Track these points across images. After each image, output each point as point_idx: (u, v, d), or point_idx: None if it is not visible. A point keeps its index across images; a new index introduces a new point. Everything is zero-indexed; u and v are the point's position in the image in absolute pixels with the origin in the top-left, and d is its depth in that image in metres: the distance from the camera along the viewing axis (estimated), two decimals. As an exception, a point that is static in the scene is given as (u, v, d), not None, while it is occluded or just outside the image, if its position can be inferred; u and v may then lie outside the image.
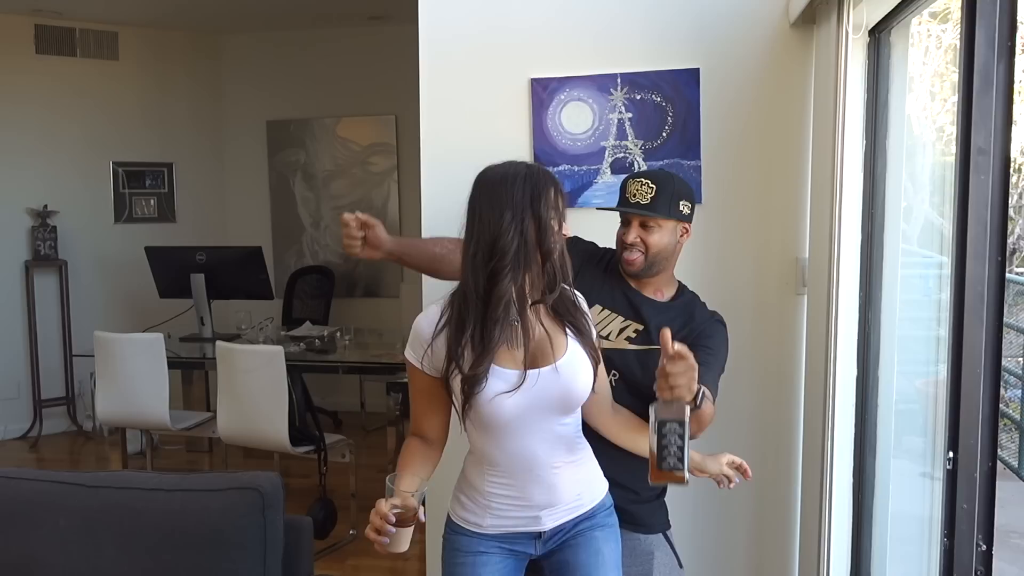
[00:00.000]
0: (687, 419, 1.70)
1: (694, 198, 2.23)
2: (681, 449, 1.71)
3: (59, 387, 6.20)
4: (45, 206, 6.02)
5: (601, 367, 1.97)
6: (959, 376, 1.42)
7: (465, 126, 2.79)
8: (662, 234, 2.14)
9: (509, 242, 1.75)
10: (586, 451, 1.96)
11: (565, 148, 2.75)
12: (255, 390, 3.97)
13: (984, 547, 1.40)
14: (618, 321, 2.17)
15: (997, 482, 1.41)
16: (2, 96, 5.94)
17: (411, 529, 1.79)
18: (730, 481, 2.14)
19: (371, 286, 6.67)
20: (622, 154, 2.71)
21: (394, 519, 1.73)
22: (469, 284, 1.79)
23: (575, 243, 2.33)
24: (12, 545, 2.05)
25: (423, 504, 1.79)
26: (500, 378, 1.79)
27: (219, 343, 4.15)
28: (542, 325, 1.85)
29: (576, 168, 2.75)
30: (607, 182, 2.72)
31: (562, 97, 2.74)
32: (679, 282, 2.25)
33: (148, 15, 6.16)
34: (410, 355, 1.88)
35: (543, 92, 2.75)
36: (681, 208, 2.15)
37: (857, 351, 2.32)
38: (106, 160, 6.34)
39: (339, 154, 6.64)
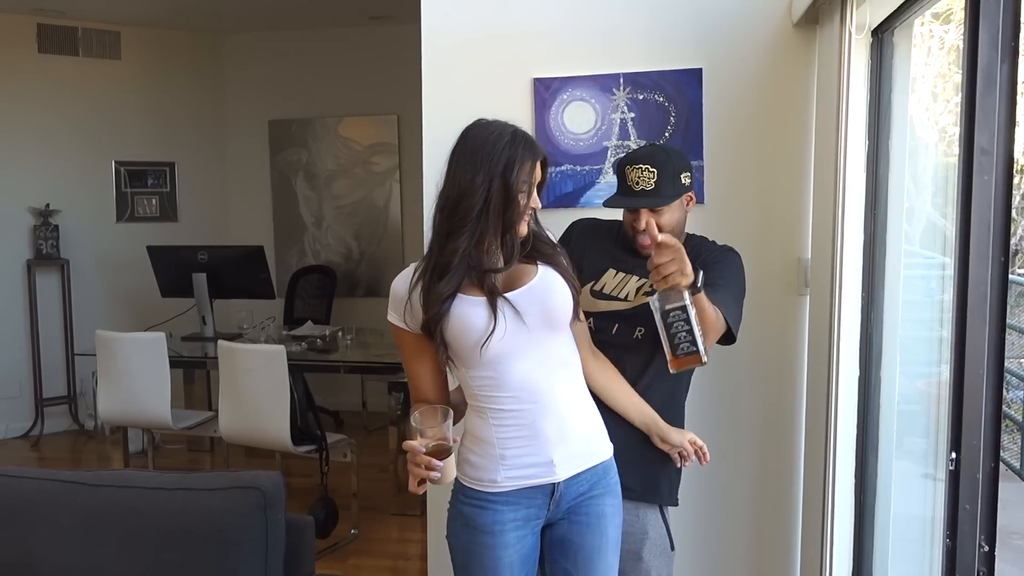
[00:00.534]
0: (688, 302, 1.77)
1: (690, 165, 2.24)
2: (690, 332, 1.79)
3: (61, 386, 6.21)
4: (47, 205, 6.03)
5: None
6: (962, 377, 1.42)
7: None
8: (671, 212, 2.16)
9: (473, 204, 1.78)
10: (590, 400, 1.97)
11: (568, 148, 2.75)
12: (257, 389, 3.97)
13: (986, 548, 1.40)
14: (633, 280, 2.19)
15: (999, 483, 1.40)
16: (4, 95, 5.94)
17: (453, 456, 1.80)
18: (685, 458, 2.15)
19: (373, 286, 6.67)
20: (624, 154, 2.71)
21: (426, 454, 1.75)
22: (433, 234, 1.85)
23: (577, 224, 2.36)
24: (14, 544, 2.05)
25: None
26: (471, 304, 1.81)
27: (221, 342, 4.15)
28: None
29: (578, 168, 2.75)
30: (609, 182, 2.71)
31: (564, 97, 2.74)
32: (687, 234, 2.27)
33: (150, 15, 6.16)
34: (393, 317, 1.90)
35: (545, 92, 2.75)
36: (683, 181, 2.17)
37: (859, 352, 2.32)
38: (108, 159, 6.34)
39: (341, 154, 6.64)
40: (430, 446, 1.75)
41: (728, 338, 2.11)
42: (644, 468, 2.16)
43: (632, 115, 2.71)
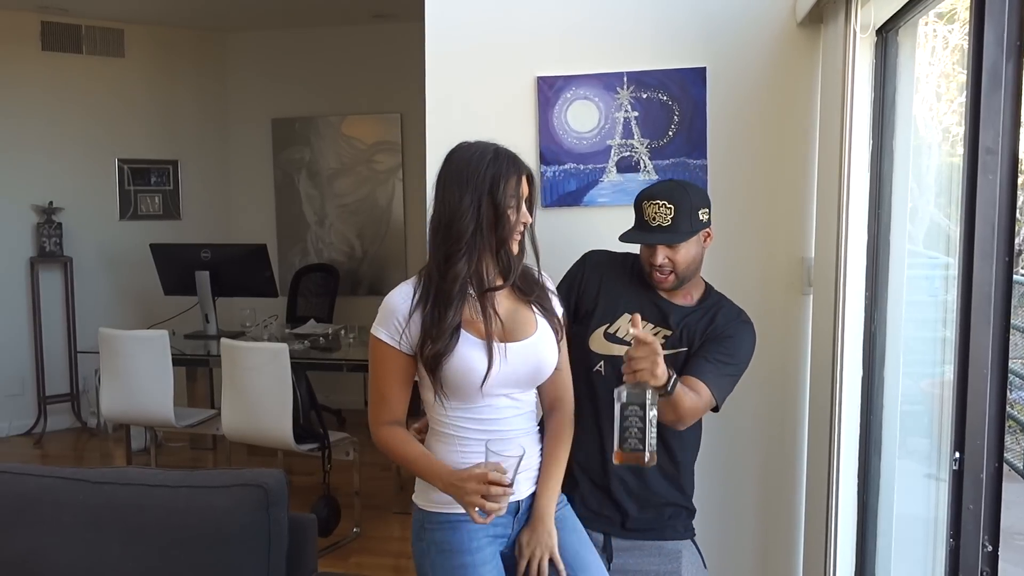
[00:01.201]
0: (648, 402, 1.79)
1: (709, 201, 2.25)
2: (641, 431, 1.80)
3: (64, 384, 6.22)
4: (50, 203, 6.03)
5: (564, 347, 2.03)
6: (965, 377, 1.41)
7: (470, 124, 2.78)
8: (688, 248, 2.17)
9: (465, 226, 1.80)
10: (537, 433, 2.02)
11: (571, 147, 2.75)
12: (259, 388, 3.97)
13: (990, 548, 1.40)
14: (647, 329, 2.19)
15: (1003, 483, 1.40)
16: (8, 93, 5.95)
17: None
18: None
19: (375, 284, 6.67)
20: (628, 153, 2.71)
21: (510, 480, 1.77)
22: (430, 259, 1.87)
23: (590, 257, 2.35)
24: (17, 541, 2.05)
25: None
26: (472, 346, 1.83)
27: (223, 340, 4.16)
28: (504, 304, 1.90)
29: (582, 167, 2.75)
30: (612, 181, 2.71)
31: (568, 95, 2.74)
32: (706, 283, 2.29)
33: (154, 12, 6.17)
34: (383, 335, 1.89)
35: (549, 90, 2.74)
36: (701, 217, 2.19)
37: (863, 352, 2.31)
38: (111, 157, 6.35)
39: (344, 152, 6.65)
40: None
41: (714, 409, 2.16)
42: (661, 510, 2.27)
43: (636, 114, 2.71)
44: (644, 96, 2.70)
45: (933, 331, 2.26)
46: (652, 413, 1.81)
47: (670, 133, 2.69)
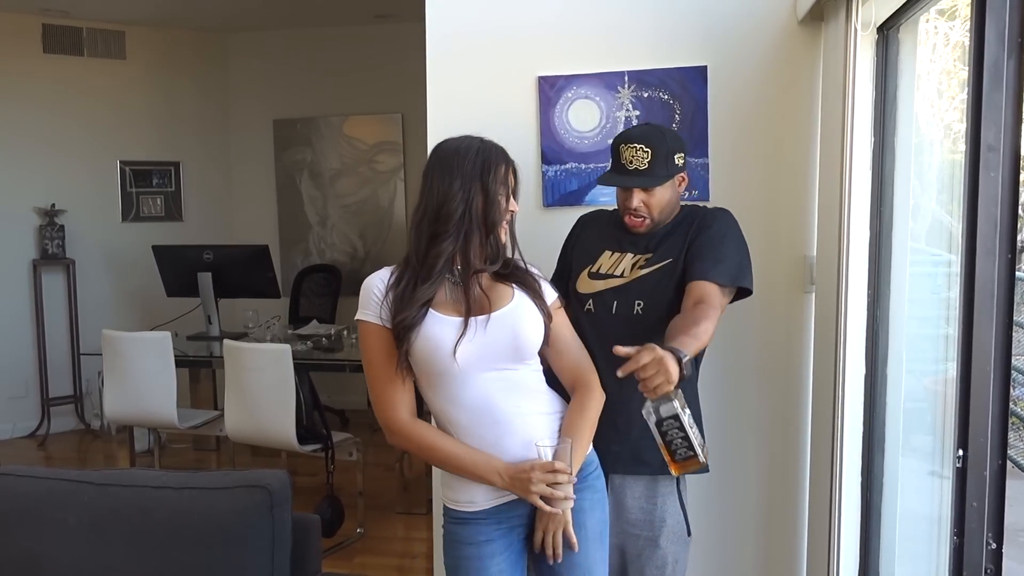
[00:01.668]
0: (679, 410, 1.76)
1: (685, 145, 2.26)
2: (686, 438, 1.77)
3: (67, 385, 6.22)
4: (53, 205, 6.04)
5: (567, 325, 2.01)
6: (968, 374, 1.41)
7: (472, 124, 2.76)
8: (663, 192, 2.19)
9: (454, 208, 1.82)
10: (560, 406, 1.98)
11: (572, 146, 2.75)
12: (262, 388, 3.98)
13: (994, 545, 1.40)
14: (628, 258, 2.23)
15: (1007, 480, 1.40)
16: (10, 95, 5.96)
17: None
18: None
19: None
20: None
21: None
22: (411, 246, 1.87)
23: (581, 218, 2.42)
24: (21, 543, 2.06)
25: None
26: (443, 324, 1.83)
27: (226, 342, 4.16)
28: (483, 283, 1.90)
29: (583, 166, 2.75)
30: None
31: (569, 95, 2.74)
32: (681, 205, 2.29)
33: (155, 14, 6.17)
34: (365, 315, 1.87)
35: (550, 90, 2.75)
36: (676, 162, 2.20)
37: (865, 349, 2.31)
38: (113, 159, 6.36)
39: (345, 153, 6.65)
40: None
41: (745, 292, 2.17)
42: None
43: (637, 113, 2.71)
44: (645, 95, 2.70)
45: (936, 328, 2.26)
46: (686, 414, 1.77)
47: (671, 132, 2.69)
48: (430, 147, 2.77)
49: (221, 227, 6.61)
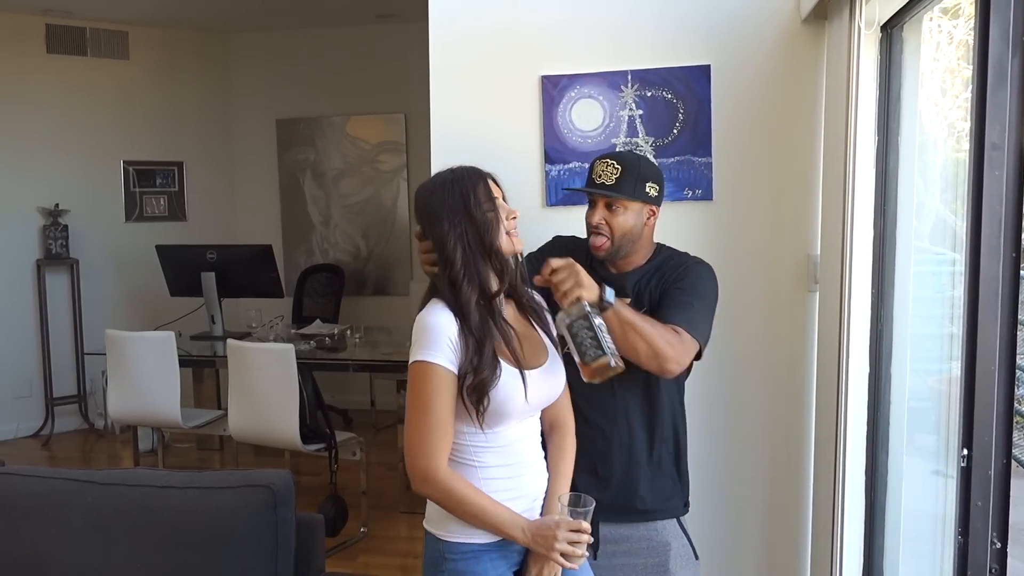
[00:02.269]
0: (588, 312, 1.83)
1: (662, 181, 2.23)
2: (595, 338, 1.82)
3: (71, 385, 6.24)
4: (56, 205, 6.05)
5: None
6: (973, 373, 1.41)
7: (475, 124, 2.79)
8: (627, 216, 2.15)
9: (453, 250, 1.81)
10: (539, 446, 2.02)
11: (575, 145, 2.75)
12: (266, 388, 3.98)
13: (998, 545, 1.39)
14: None
15: (1011, 480, 1.40)
16: (13, 96, 5.97)
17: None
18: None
19: (381, 284, 6.68)
20: (632, 150, 2.70)
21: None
22: (445, 297, 1.85)
23: (557, 239, 2.36)
24: (25, 542, 2.06)
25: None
26: (509, 375, 1.82)
27: (230, 341, 4.16)
28: (519, 324, 1.91)
29: (586, 166, 2.74)
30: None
31: (572, 94, 2.74)
32: (657, 245, 2.27)
33: (158, 15, 6.18)
34: (439, 358, 1.78)
35: (553, 89, 2.74)
36: (647, 190, 2.17)
37: (869, 348, 2.31)
38: (116, 159, 6.37)
39: (348, 152, 6.65)
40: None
41: (698, 355, 2.13)
42: (655, 487, 2.21)
43: (640, 112, 2.70)
44: (648, 94, 2.70)
45: (940, 327, 2.25)
46: (598, 321, 1.83)
47: (675, 131, 2.69)
48: (433, 146, 2.80)
49: (224, 227, 6.61)
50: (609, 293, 1.92)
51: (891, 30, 2.22)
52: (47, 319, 6.11)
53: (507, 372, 1.82)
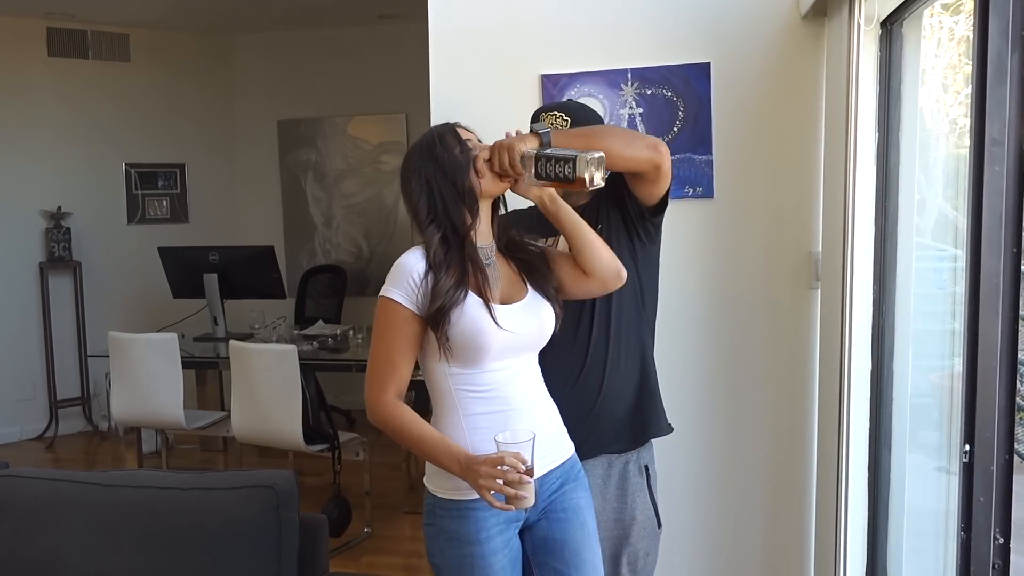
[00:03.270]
0: (538, 154, 1.85)
1: (602, 121, 2.26)
2: (561, 157, 1.82)
3: (74, 387, 6.24)
4: (59, 208, 6.06)
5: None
6: (975, 369, 1.41)
7: (475, 123, 2.76)
8: None
9: (417, 198, 1.87)
10: (551, 400, 1.98)
11: (576, 144, 2.74)
12: (269, 389, 3.99)
13: (1001, 540, 1.39)
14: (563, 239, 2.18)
15: (1014, 475, 1.40)
16: (15, 98, 5.97)
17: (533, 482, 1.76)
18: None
19: (383, 284, 6.67)
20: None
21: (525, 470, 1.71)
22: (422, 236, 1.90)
23: (519, 213, 2.31)
24: (30, 544, 2.06)
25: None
26: (475, 304, 1.82)
27: (232, 342, 4.17)
28: (507, 265, 1.94)
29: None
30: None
31: (572, 93, 2.73)
32: None
33: (159, 17, 6.18)
34: (399, 295, 1.84)
35: (553, 88, 2.74)
36: None
37: (871, 345, 2.31)
38: (119, 161, 6.37)
39: (350, 153, 6.66)
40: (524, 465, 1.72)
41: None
42: (632, 417, 2.17)
43: (640, 110, 2.70)
44: (648, 92, 2.70)
45: (942, 323, 2.25)
46: (550, 150, 1.85)
47: (675, 129, 2.69)
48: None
49: (227, 228, 6.62)
50: (539, 127, 1.92)
51: (891, 26, 2.21)
52: (50, 322, 6.12)
53: (472, 301, 1.82)
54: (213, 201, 6.73)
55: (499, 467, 1.70)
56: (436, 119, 2.79)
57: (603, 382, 2.12)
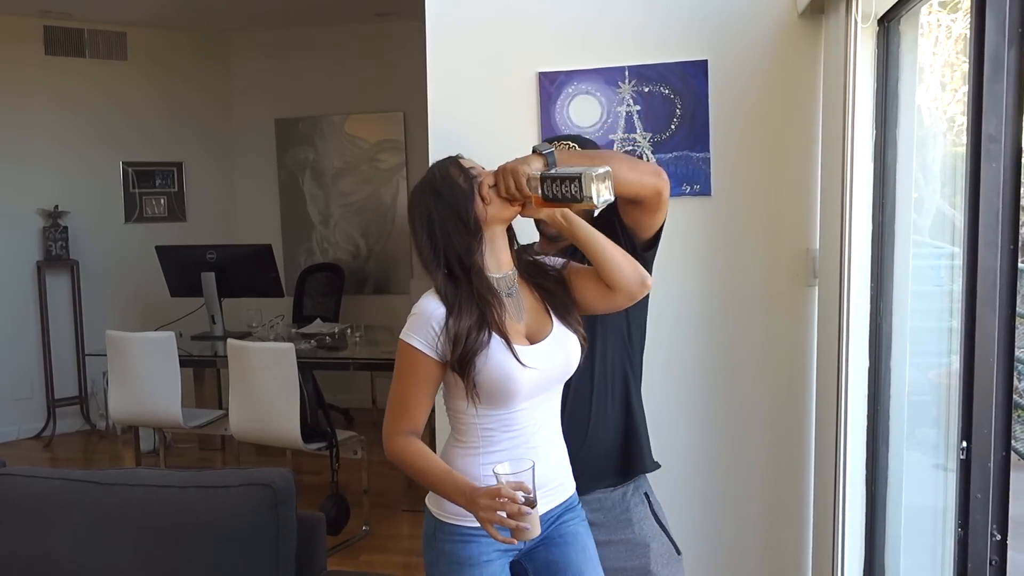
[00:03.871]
0: (542, 175, 1.79)
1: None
2: (565, 176, 1.76)
3: (72, 386, 6.24)
4: (56, 207, 6.05)
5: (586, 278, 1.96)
6: (972, 366, 1.41)
7: (473, 121, 2.79)
8: None
9: (419, 238, 1.84)
10: (561, 438, 1.95)
11: (573, 142, 2.75)
12: (266, 387, 3.99)
13: (998, 537, 1.40)
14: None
15: (1011, 472, 1.40)
16: (12, 97, 5.97)
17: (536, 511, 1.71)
18: None
19: (381, 283, 6.68)
20: (631, 147, 2.71)
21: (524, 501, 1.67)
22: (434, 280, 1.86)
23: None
24: (28, 542, 2.06)
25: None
26: (498, 346, 1.79)
27: (230, 341, 4.17)
28: (531, 294, 1.90)
29: (585, 162, 2.75)
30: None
31: (570, 91, 2.74)
32: None
33: (156, 15, 6.18)
34: (418, 341, 1.81)
35: (551, 86, 2.74)
36: None
37: (869, 342, 2.31)
38: (116, 160, 6.37)
39: (348, 151, 6.66)
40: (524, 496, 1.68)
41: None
42: (618, 458, 2.16)
43: (638, 108, 2.70)
44: (646, 90, 2.70)
45: (939, 321, 2.25)
46: (555, 170, 1.80)
47: (672, 127, 2.69)
48: (432, 144, 2.80)
49: (224, 227, 6.61)
50: (542, 148, 1.86)
51: (888, 24, 2.21)
52: (48, 321, 6.12)
53: (496, 344, 1.78)
54: (211, 200, 6.73)
55: (498, 499, 1.66)
56: (434, 117, 2.79)
57: (587, 429, 2.10)
